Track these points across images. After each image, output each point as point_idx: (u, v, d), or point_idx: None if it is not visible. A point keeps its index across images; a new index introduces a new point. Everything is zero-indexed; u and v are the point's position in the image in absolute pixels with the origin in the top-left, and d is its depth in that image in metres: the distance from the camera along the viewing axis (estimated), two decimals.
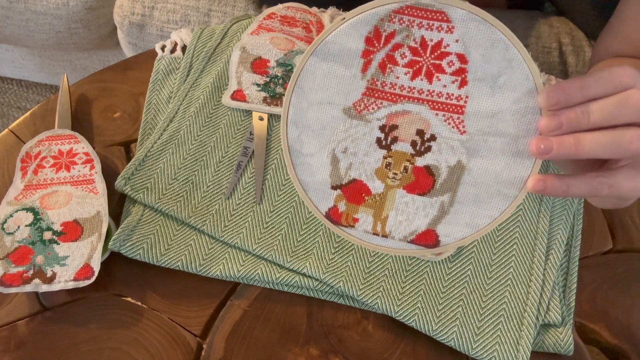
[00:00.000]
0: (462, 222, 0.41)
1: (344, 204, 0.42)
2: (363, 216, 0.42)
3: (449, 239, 0.41)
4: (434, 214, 0.41)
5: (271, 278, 0.51)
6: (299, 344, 0.49)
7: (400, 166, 0.40)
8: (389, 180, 0.41)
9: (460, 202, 0.40)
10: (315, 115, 0.40)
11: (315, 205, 0.43)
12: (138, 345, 0.49)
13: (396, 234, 0.42)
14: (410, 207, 0.41)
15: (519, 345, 0.48)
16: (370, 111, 0.40)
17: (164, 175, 0.56)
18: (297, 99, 0.40)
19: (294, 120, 0.41)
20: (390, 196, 0.41)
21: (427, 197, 0.40)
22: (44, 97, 1.52)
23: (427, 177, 0.40)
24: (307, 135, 0.41)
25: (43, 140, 0.57)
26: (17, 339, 0.49)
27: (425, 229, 0.41)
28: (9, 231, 0.51)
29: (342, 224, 0.43)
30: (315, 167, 0.42)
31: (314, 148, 0.41)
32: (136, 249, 0.51)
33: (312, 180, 0.42)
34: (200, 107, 0.60)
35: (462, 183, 0.40)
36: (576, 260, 0.54)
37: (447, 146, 0.39)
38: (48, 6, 1.08)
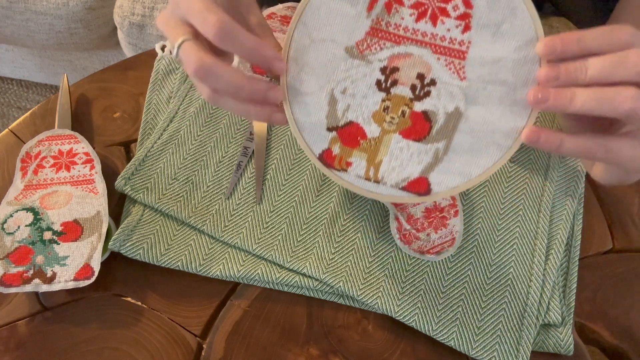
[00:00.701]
0: (455, 170, 0.40)
1: (339, 147, 0.41)
2: (357, 160, 0.41)
3: (440, 187, 0.40)
4: (427, 161, 0.40)
5: (271, 278, 0.51)
6: (299, 344, 0.49)
7: (398, 110, 0.40)
8: (386, 124, 0.40)
9: (454, 151, 0.40)
10: (317, 53, 0.40)
11: (309, 147, 0.41)
12: (138, 345, 0.49)
13: (388, 180, 0.41)
14: (405, 153, 0.40)
15: (519, 345, 0.48)
16: (372, 51, 0.39)
17: (164, 175, 0.56)
18: (299, 35, 0.40)
19: (294, 57, 0.40)
20: (386, 141, 0.40)
21: (423, 143, 0.40)
22: (44, 97, 1.52)
23: (424, 123, 0.40)
24: (306, 73, 0.40)
25: (43, 140, 0.57)
26: (17, 339, 0.49)
27: (417, 176, 0.41)
28: (9, 231, 0.51)
29: (334, 167, 0.42)
30: (312, 106, 0.41)
31: (312, 87, 0.40)
32: (136, 249, 0.51)
33: (308, 121, 0.41)
34: (200, 107, 0.60)
35: (458, 131, 0.39)
36: (576, 260, 0.54)
37: (447, 92, 0.39)
38: (48, 6, 1.08)
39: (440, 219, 0.54)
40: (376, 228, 0.54)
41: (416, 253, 0.52)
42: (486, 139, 0.39)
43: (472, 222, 0.55)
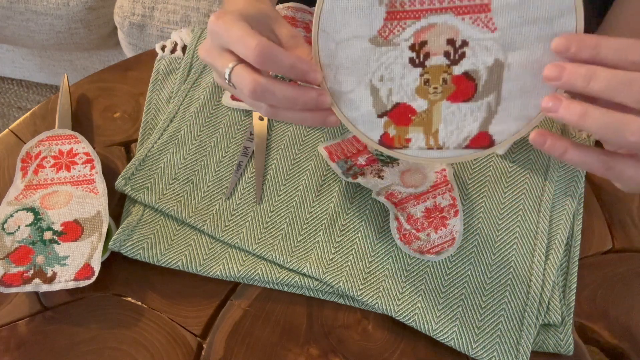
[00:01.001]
0: (513, 117, 0.40)
1: (394, 128, 0.42)
2: (414, 135, 0.42)
3: (502, 136, 0.40)
4: (482, 116, 0.40)
5: (271, 278, 0.51)
6: (299, 343, 0.49)
7: (439, 79, 0.40)
8: (431, 95, 0.41)
9: (506, 99, 0.39)
10: (345, 53, 0.41)
11: (368, 136, 0.43)
12: (138, 345, 0.49)
13: (450, 144, 0.42)
14: (458, 116, 0.41)
15: (519, 345, 0.48)
16: (396, 34, 0.40)
17: (164, 175, 0.56)
18: (323, 42, 0.41)
19: (327, 64, 0.41)
20: (436, 110, 0.41)
21: (472, 102, 0.40)
22: (45, 97, 1.52)
23: (468, 83, 0.40)
24: (342, 74, 0.41)
25: (43, 140, 0.57)
26: (18, 338, 0.49)
27: (477, 133, 0.41)
28: (10, 231, 0.51)
29: (396, 146, 0.43)
30: (357, 101, 0.42)
31: (351, 84, 0.41)
32: (136, 249, 0.51)
33: (359, 114, 0.42)
34: (201, 107, 0.60)
35: (505, 80, 0.39)
36: (576, 260, 0.54)
37: (481, 47, 0.39)
38: (48, 6, 1.08)
39: (440, 219, 0.54)
40: (376, 228, 0.54)
41: (416, 253, 0.52)
42: (535, 78, 0.38)
43: (472, 222, 0.55)
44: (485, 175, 0.57)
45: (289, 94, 0.40)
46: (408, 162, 0.57)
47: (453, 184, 0.56)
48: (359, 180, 0.55)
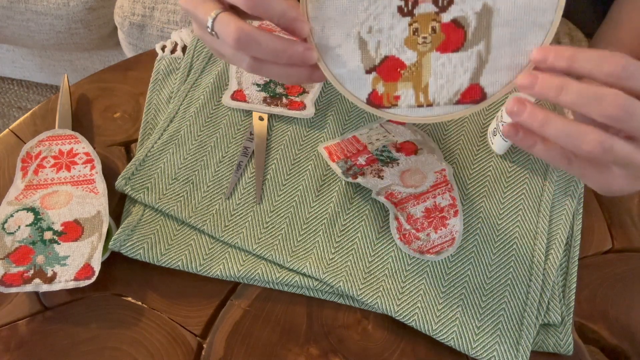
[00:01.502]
0: (504, 66, 0.39)
1: (382, 85, 0.41)
2: (403, 92, 0.41)
3: (494, 87, 0.40)
4: (473, 66, 0.39)
5: (271, 278, 0.51)
6: (299, 343, 0.49)
7: (428, 28, 0.39)
8: (420, 46, 0.40)
9: (496, 47, 0.39)
10: (334, 3, 0.40)
11: (355, 95, 0.42)
12: (138, 345, 0.49)
13: (440, 100, 0.41)
14: (448, 68, 0.40)
15: (518, 345, 0.48)
16: None
17: (164, 175, 0.56)
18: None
19: (314, 16, 0.40)
20: (426, 62, 0.40)
21: (462, 51, 0.39)
22: (45, 97, 1.52)
23: (457, 31, 0.39)
24: (329, 27, 0.40)
25: (43, 140, 0.57)
26: (18, 338, 0.49)
27: (468, 85, 0.40)
28: (10, 231, 0.51)
29: (384, 105, 0.41)
30: (345, 56, 0.41)
31: (339, 38, 0.40)
32: (136, 249, 0.51)
33: (346, 71, 0.41)
34: (201, 107, 0.60)
35: (494, 26, 0.38)
36: (576, 260, 0.54)
37: None
38: (49, 6, 1.08)
39: (440, 218, 0.54)
40: (376, 228, 0.54)
41: (416, 253, 0.52)
42: (524, 23, 0.38)
43: (472, 222, 0.55)
44: (485, 175, 0.57)
45: (275, 45, 0.38)
46: (408, 162, 0.57)
47: (453, 184, 0.56)
48: (359, 180, 0.55)
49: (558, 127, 0.35)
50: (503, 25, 0.38)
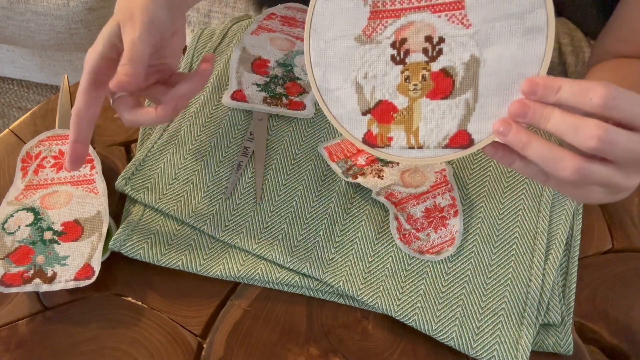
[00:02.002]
0: (491, 115, 0.40)
1: (376, 126, 0.43)
2: (396, 133, 0.43)
3: (481, 135, 0.41)
4: (461, 113, 0.41)
5: (271, 278, 0.51)
6: (299, 343, 0.49)
7: (419, 76, 0.41)
8: (411, 92, 0.42)
9: (484, 95, 0.40)
10: (333, 52, 0.43)
11: (352, 134, 0.44)
12: (138, 344, 0.49)
13: (430, 143, 0.42)
14: (437, 113, 0.41)
15: (518, 345, 0.48)
16: (378, 32, 0.42)
17: (164, 175, 0.56)
18: (314, 42, 0.43)
19: (316, 62, 0.44)
20: (416, 107, 0.42)
21: (450, 99, 0.41)
22: (45, 97, 1.52)
23: (446, 80, 0.41)
24: (330, 71, 0.43)
25: (43, 140, 0.57)
26: (18, 338, 0.49)
27: (456, 131, 0.41)
28: (10, 231, 0.51)
29: (378, 145, 0.44)
30: (343, 98, 0.44)
31: (338, 82, 0.43)
32: (136, 249, 0.51)
33: (344, 112, 0.44)
34: (201, 107, 0.60)
35: (481, 76, 0.40)
36: (575, 260, 0.54)
37: (457, 44, 0.40)
38: (49, 7, 1.08)
39: (440, 218, 0.54)
40: (376, 228, 0.54)
41: (416, 253, 0.52)
42: (511, 74, 0.39)
43: (471, 222, 0.55)
44: (485, 175, 0.57)
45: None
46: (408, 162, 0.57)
47: (453, 184, 0.56)
48: (359, 180, 0.55)
49: (538, 150, 0.37)
50: (490, 75, 0.40)
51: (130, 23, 0.45)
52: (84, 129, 0.46)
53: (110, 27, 0.46)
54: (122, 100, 0.48)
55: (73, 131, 0.46)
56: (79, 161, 0.47)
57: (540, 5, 0.38)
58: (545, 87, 0.37)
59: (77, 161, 0.47)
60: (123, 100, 0.48)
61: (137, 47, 0.44)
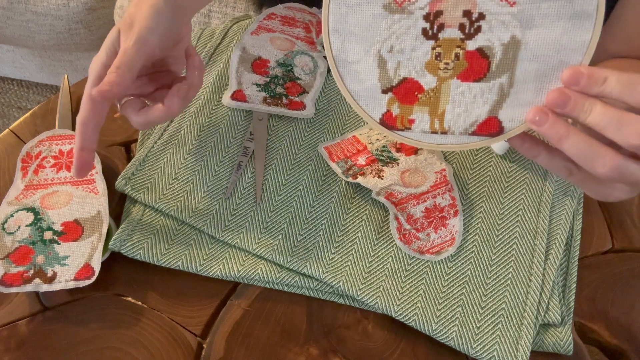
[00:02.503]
0: (526, 102, 0.38)
1: (397, 107, 0.40)
2: (419, 116, 0.40)
3: (513, 123, 0.38)
4: (493, 99, 0.38)
5: (271, 278, 0.51)
6: (299, 343, 0.49)
7: (451, 54, 0.38)
8: (441, 71, 0.38)
9: (520, 82, 0.37)
10: (356, 18, 0.38)
11: (369, 114, 0.41)
12: (138, 345, 0.49)
13: (456, 129, 0.39)
14: (467, 97, 0.39)
15: (518, 345, 0.48)
16: (411, 1, 0.37)
17: (164, 175, 0.56)
18: (335, 5, 0.39)
19: (335, 28, 0.39)
20: (445, 89, 0.39)
21: (484, 82, 0.38)
22: (45, 98, 1.52)
23: (481, 60, 0.38)
24: (350, 41, 0.39)
25: (44, 140, 0.57)
26: (18, 338, 0.49)
27: (486, 117, 0.39)
28: (10, 231, 0.51)
29: (397, 127, 0.40)
30: (363, 73, 0.40)
31: (359, 54, 0.39)
32: (136, 249, 0.51)
33: (362, 88, 0.40)
34: (201, 107, 0.60)
35: (520, 60, 0.37)
36: (575, 260, 0.54)
37: (498, 22, 0.37)
38: (48, 7, 1.09)
39: (440, 218, 0.54)
40: (376, 228, 0.54)
41: (416, 253, 0.52)
42: (552, 60, 0.37)
43: (471, 222, 0.55)
44: (485, 175, 0.57)
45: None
46: (408, 162, 0.57)
47: (453, 184, 0.56)
48: (359, 180, 0.55)
49: (576, 144, 0.35)
50: (530, 59, 0.37)
51: (128, 31, 0.45)
52: (89, 137, 0.46)
53: (112, 35, 0.46)
54: (129, 105, 0.48)
55: (79, 139, 0.46)
56: (86, 168, 0.47)
57: None
58: (590, 77, 0.35)
59: (83, 168, 0.47)
60: (130, 104, 0.48)
61: (127, 56, 0.44)
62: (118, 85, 0.44)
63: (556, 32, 0.36)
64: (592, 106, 0.34)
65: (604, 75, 0.34)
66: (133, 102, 0.48)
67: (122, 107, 0.48)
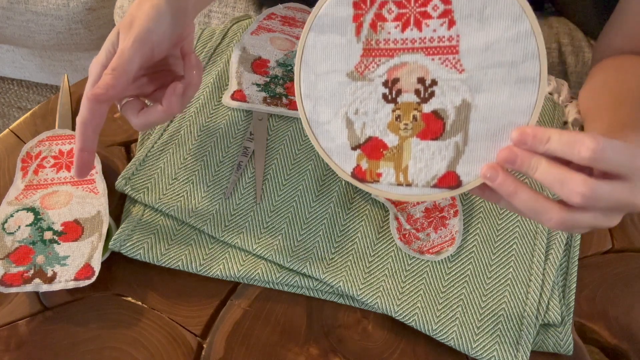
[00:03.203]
0: (479, 158, 0.41)
1: (366, 162, 0.44)
2: (385, 170, 0.43)
3: (469, 177, 0.41)
4: (450, 155, 0.42)
5: (271, 278, 0.51)
6: (299, 343, 0.49)
7: (410, 116, 0.42)
8: (402, 131, 0.42)
9: (473, 140, 0.41)
10: (324, 85, 0.43)
11: (341, 168, 0.44)
12: (138, 344, 0.49)
13: (419, 182, 0.43)
14: (427, 153, 0.42)
15: (518, 345, 0.48)
16: (371, 70, 0.42)
17: (164, 175, 0.56)
18: (305, 74, 0.43)
19: (307, 94, 0.43)
20: (406, 146, 0.42)
21: (441, 140, 0.42)
22: (45, 97, 1.52)
23: (437, 121, 0.41)
24: (320, 104, 0.43)
25: (44, 140, 0.57)
26: (18, 338, 0.49)
27: (445, 172, 0.42)
28: (10, 231, 0.51)
29: (367, 180, 0.44)
30: (333, 132, 0.44)
31: (328, 115, 0.43)
32: (136, 249, 0.51)
33: (334, 145, 0.44)
34: (201, 107, 0.60)
35: (472, 120, 0.40)
36: (576, 260, 0.54)
37: (450, 87, 0.40)
38: (48, 7, 1.09)
39: (440, 218, 0.54)
40: (376, 228, 0.54)
41: (416, 253, 0.52)
42: (501, 121, 0.40)
43: (471, 222, 0.55)
44: None
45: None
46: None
47: None
48: None
49: (524, 201, 0.38)
50: (481, 120, 0.40)
51: (127, 32, 0.45)
52: (89, 137, 0.46)
53: (111, 36, 0.46)
54: (128, 106, 0.48)
55: (79, 140, 0.46)
56: (86, 169, 0.47)
57: (533, 57, 0.38)
58: (535, 138, 0.37)
59: (84, 169, 0.47)
60: (129, 105, 0.48)
61: (124, 57, 0.44)
62: (113, 87, 0.43)
63: (503, 95, 0.39)
64: (538, 164, 0.37)
65: (547, 135, 0.37)
66: (132, 103, 0.48)
67: (122, 108, 0.48)
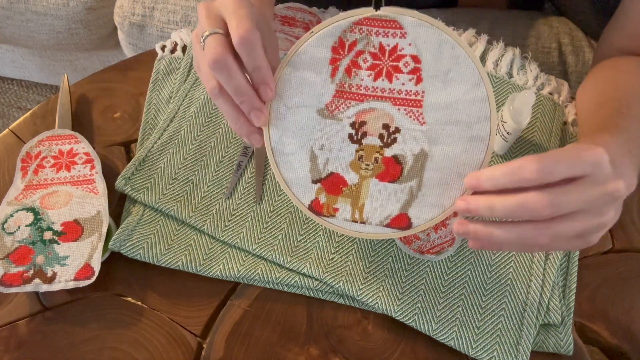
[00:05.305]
0: (430, 204, 0.44)
1: (325, 196, 0.46)
2: (342, 206, 0.46)
3: (419, 220, 0.45)
4: (404, 198, 0.45)
5: (271, 278, 0.51)
6: (299, 343, 0.49)
7: (371, 157, 0.44)
8: (362, 171, 0.45)
9: (427, 186, 0.44)
10: (293, 118, 0.44)
11: (299, 199, 0.46)
12: (138, 345, 0.49)
13: (373, 220, 0.45)
14: (383, 194, 0.45)
15: (518, 345, 0.48)
16: (341, 110, 0.44)
17: (164, 175, 0.56)
18: (276, 105, 0.44)
19: (275, 124, 0.44)
20: (365, 185, 0.45)
21: (397, 183, 0.44)
22: (45, 97, 1.52)
23: (396, 166, 0.44)
24: (287, 136, 0.45)
25: (43, 140, 0.57)
26: (18, 338, 0.49)
27: (398, 213, 0.45)
28: (10, 231, 0.51)
29: (324, 214, 0.46)
30: (296, 164, 0.45)
31: (294, 147, 0.45)
32: (136, 249, 0.51)
33: (295, 177, 0.46)
34: (201, 107, 0.60)
35: (427, 169, 0.44)
36: (576, 260, 0.54)
37: (411, 136, 0.44)
38: (48, 7, 1.08)
39: None
40: None
41: (416, 253, 0.52)
42: (452, 172, 0.43)
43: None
44: None
45: (240, 84, 0.41)
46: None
47: None
48: None
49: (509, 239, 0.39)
50: (435, 169, 0.44)
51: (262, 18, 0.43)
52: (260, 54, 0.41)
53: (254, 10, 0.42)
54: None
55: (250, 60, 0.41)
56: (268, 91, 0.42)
57: (485, 119, 0.42)
58: (479, 179, 0.39)
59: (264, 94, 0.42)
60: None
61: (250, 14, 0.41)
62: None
63: (457, 149, 0.43)
64: (492, 202, 0.38)
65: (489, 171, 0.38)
66: None
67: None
